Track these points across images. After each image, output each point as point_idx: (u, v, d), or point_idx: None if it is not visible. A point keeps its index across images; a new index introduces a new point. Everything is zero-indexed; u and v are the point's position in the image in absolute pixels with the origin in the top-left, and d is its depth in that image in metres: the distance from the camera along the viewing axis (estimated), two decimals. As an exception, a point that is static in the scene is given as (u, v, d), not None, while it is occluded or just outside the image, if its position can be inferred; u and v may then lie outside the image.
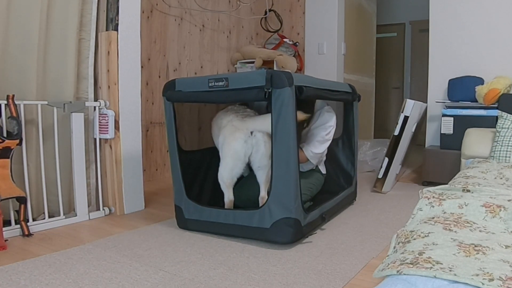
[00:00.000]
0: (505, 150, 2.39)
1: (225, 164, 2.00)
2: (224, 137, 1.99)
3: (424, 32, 4.76)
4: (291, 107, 1.75)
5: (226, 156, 1.98)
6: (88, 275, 1.53)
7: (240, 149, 1.95)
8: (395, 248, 1.08)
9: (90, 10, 2.31)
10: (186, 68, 3.73)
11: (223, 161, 2.00)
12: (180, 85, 2.00)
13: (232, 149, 1.96)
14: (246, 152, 1.97)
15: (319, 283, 1.47)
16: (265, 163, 1.99)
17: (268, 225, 1.82)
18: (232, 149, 1.96)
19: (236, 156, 1.96)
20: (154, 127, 3.46)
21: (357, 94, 2.59)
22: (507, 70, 3.15)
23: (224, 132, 2.01)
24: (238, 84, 1.84)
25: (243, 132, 1.95)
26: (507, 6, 3.17)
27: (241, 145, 1.95)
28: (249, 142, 1.96)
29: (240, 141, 1.95)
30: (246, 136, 1.95)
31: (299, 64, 4.22)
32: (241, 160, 1.97)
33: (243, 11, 4.33)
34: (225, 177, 2.01)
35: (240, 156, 1.96)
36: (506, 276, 0.76)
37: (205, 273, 1.56)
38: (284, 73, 1.76)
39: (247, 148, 1.96)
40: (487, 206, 1.24)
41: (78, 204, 2.24)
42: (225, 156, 1.99)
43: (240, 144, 1.95)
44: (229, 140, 1.97)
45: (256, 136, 1.96)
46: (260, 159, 1.98)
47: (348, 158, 2.65)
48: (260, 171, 2.02)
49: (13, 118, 1.94)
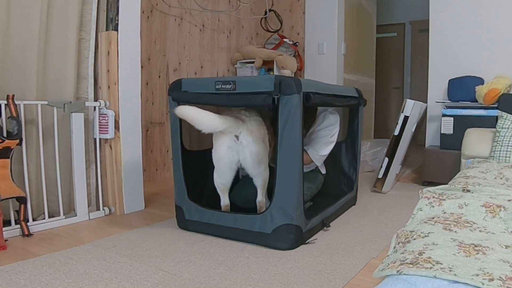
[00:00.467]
0: (505, 150, 2.39)
1: (216, 170, 1.94)
2: (213, 140, 1.91)
3: (424, 32, 4.77)
4: (298, 115, 1.73)
5: (214, 161, 1.92)
6: (88, 275, 1.53)
7: (224, 155, 1.86)
8: (395, 248, 1.08)
9: (90, 10, 2.31)
10: (186, 68, 3.73)
11: (215, 167, 1.94)
12: (186, 85, 1.99)
13: (217, 154, 1.89)
14: (232, 159, 1.87)
15: (319, 283, 1.47)
16: (257, 171, 1.92)
17: (269, 231, 1.82)
18: (216, 155, 1.89)
19: (223, 162, 1.88)
20: (154, 127, 3.46)
21: (363, 98, 2.57)
22: (507, 70, 3.15)
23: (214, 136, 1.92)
24: (246, 88, 1.81)
25: (228, 136, 1.85)
26: (507, 6, 3.17)
27: (224, 151, 1.86)
28: (234, 148, 1.86)
29: (224, 147, 1.86)
30: (230, 141, 1.85)
31: (299, 64, 4.22)
32: (228, 166, 1.89)
33: (243, 11, 4.33)
34: (218, 182, 1.97)
35: (225, 163, 1.88)
36: (506, 276, 0.76)
37: (205, 273, 1.56)
38: (293, 80, 1.73)
39: (232, 155, 1.86)
40: (487, 206, 1.24)
41: (78, 204, 2.24)
42: (215, 162, 1.92)
43: (224, 150, 1.86)
44: (215, 145, 1.89)
45: (242, 142, 1.85)
46: (249, 167, 1.90)
47: (350, 162, 2.64)
48: (254, 177, 1.97)
49: (13, 118, 1.94)
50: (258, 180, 1.97)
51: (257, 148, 1.87)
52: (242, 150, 1.86)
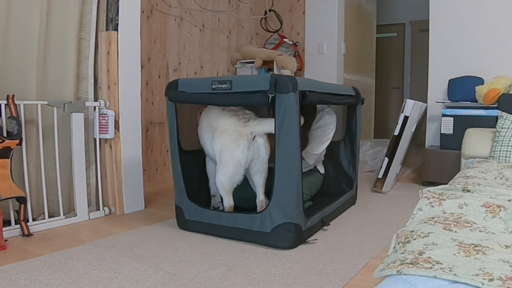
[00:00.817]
0: (505, 150, 2.39)
1: (226, 171, 1.92)
2: (225, 142, 1.91)
3: (424, 32, 4.77)
4: (295, 113, 1.74)
5: (228, 163, 1.91)
6: (88, 275, 1.53)
7: (243, 157, 1.89)
8: (395, 248, 1.08)
9: (90, 10, 2.31)
10: (186, 68, 3.73)
11: (223, 168, 1.92)
12: (183, 85, 1.99)
13: (236, 157, 1.89)
14: (248, 158, 1.92)
15: (319, 283, 1.47)
16: (264, 167, 1.96)
17: (269, 230, 1.82)
18: (235, 157, 1.89)
19: (238, 163, 1.90)
20: (154, 127, 3.46)
21: (361, 97, 2.57)
22: (507, 70, 3.15)
23: (225, 137, 1.92)
24: (242, 88, 1.82)
25: (247, 138, 1.89)
26: (507, 6, 3.17)
27: (244, 153, 1.89)
28: (251, 148, 1.91)
29: (244, 149, 1.89)
30: (249, 142, 1.89)
31: (299, 64, 4.22)
32: (243, 167, 1.92)
33: (243, 11, 4.33)
34: (225, 184, 1.95)
35: (242, 164, 1.90)
36: (506, 276, 0.76)
37: (205, 273, 1.56)
38: (288, 78, 1.74)
39: (249, 154, 1.91)
40: (487, 206, 1.24)
41: (78, 204, 2.24)
42: (226, 163, 1.91)
43: (244, 152, 1.89)
44: (231, 147, 1.89)
45: (257, 141, 1.91)
46: (260, 164, 1.94)
47: (349, 161, 2.64)
48: (257, 175, 1.98)
49: (13, 118, 1.94)
50: (260, 179, 1.99)
51: (268, 146, 1.93)
52: (257, 149, 1.92)
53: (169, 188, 3.10)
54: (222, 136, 1.92)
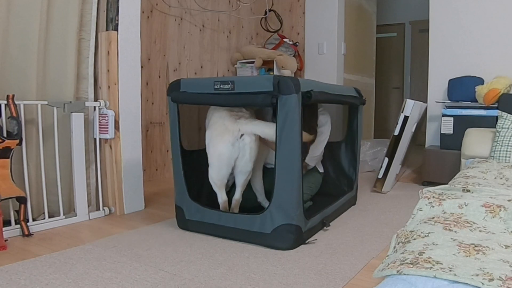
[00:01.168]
0: (505, 150, 2.39)
1: (212, 165, 1.93)
2: (211, 135, 1.90)
3: (424, 32, 4.77)
4: (297, 114, 1.74)
5: (212, 158, 1.91)
6: (88, 275, 1.53)
7: (225, 152, 1.87)
8: (395, 248, 1.08)
9: (90, 10, 2.31)
10: (186, 68, 3.73)
11: (210, 162, 1.93)
12: (185, 86, 1.99)
13: (218, 151, 1.88)
14: (232, 155, 1.88)
15: (319, 283, 1.47)
16: (248, 169, 1.94)
17: (269, 231, 1.82)
18: (217, 152, 1.88)
19: (221, 158, 1.88)
20: (154, 127, 3.46)
21: (363, 98, 2.58)
22: (507, 70, 3.15)
23: (212, 129, 1.91)
24: (244, 88, 1.81)
25: (233, 134, 1.87)
26: (507, 6, 3.17)
27: (228, 149, 1.87)
28: (236, 145, 1.87)
29: (228, 144, 1.86)
30: (234, 139, 1.86)
31: (299, 64, 4.22)
32: (226, 163, 1.89)
33: (243, 11, 4.33)
34: (215, 178, 1.96)
35: (224, 159, 1.88)
36: (506, 276, 0.76)
37: (205, 273, 1.56)
38: (291, 79, 1.74)
39: (233, 151, 1.88)
40: (487, 206, 1.24)
41: (78, 204, 2.24)
42: (210, 157, 1.92)
43: (227, 148, 1.86)
44: (215, 141, 1.88)
45: (244, 140, 1.88)
46: (244, 164, 1.92)
47: (350, 162, 2.64)
48: (240, 175, 1.97)
49: (13, 118, 1.94)
50: (241, 179, 1.98)
51: (255, 148, 1.90)
52: (242, 147, 1.89)
53: (169, 188, 3.10)
54: (210, 128, 1.93)
